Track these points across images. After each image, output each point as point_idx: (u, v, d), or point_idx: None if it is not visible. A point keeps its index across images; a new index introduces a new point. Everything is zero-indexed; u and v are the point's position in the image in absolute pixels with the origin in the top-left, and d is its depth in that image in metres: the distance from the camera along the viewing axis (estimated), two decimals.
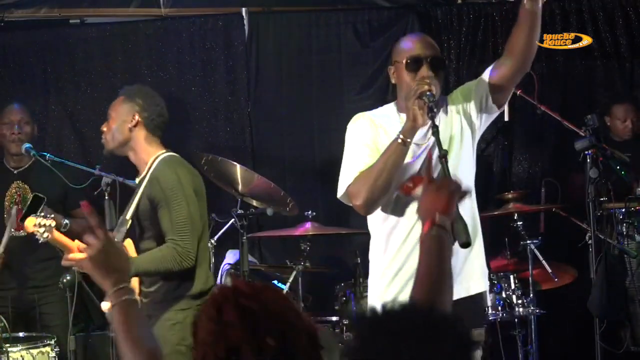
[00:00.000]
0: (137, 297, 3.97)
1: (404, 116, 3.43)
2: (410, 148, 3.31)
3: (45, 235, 3.97)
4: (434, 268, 2.15)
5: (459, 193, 2.44)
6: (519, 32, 3.24)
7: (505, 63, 3.35)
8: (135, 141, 4.08)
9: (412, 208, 3.39)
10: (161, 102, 4.18)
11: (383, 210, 3.44)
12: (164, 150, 4.09)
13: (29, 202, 4.63)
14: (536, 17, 3.18)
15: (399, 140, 3.27)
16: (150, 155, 4.07)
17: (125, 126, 4.09)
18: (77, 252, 3.83)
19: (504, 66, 3.35)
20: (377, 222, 3.48)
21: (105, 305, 3.96)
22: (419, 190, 2.51)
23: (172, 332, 3.85)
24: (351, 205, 3.44)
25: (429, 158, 2.49)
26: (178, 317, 3.88)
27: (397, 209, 3.42)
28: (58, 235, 4.01)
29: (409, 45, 3.44)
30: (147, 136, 4.09)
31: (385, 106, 3.58)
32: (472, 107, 3.45)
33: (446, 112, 3.45)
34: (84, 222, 5.25)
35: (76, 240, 3.90)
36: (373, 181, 3.31)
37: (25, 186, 5.19)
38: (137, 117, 4.08)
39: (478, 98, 3.44)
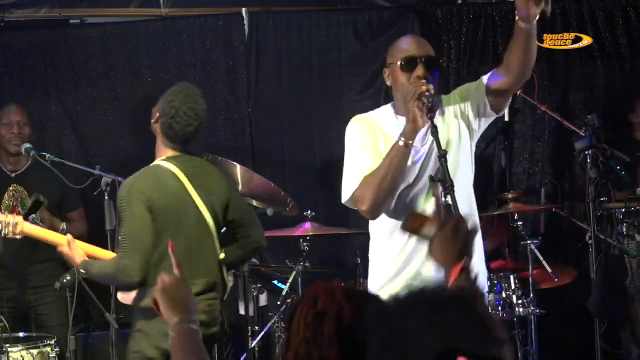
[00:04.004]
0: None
1: (401, 118, 3.43)
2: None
3: (10, 230, 4.05)
4: None
5: (474, 231, 2.41)
6: (515, 48, 3.23)
7: (503, 73, 3.33)
8: (156, 139, 4.03)
9: (414, 208, 3.39)
10: (177, 113, 3.90)
11: (384, 211, 3.43)
12: (164, 158, 3.95)
13: (30, 204, 4.63)
14: (531, 35, 3.17)
15: (401, 143, 3.27)
16: (155, 159, 4.00)
17: (152, 121, 4.01)
18: (67, 243, 3.96)
19: (503, 76, 3.34)
20: (378, 222, 3.47)
21: (120, 296, 4.03)
22: (427, 230, 2.45)
23: (132, 339, 3.88)
24: (356, 209, 3.44)
25: (436, 196, 2.47)
26: (139, 325, 3.86)
27: (399, 211, 3.41)
28: (30, 229, 4.10)
29: (403, 46, 3.43)
30: (161, 139, 3.97)
31: (382, 107, 3.58)
32: (469, 111, 3.44)
33: (443, 114, 3.44)
34: (80, 226, 5.27)
35: (68, 235, 4.00)
36: (378, 185, 3.30)
37: (22, 189, 5.19)
38: (157, 116, 3.97)
39: (475, 103, 3.43)
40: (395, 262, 3.41)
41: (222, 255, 4.02)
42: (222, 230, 4.13)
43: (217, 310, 4.00)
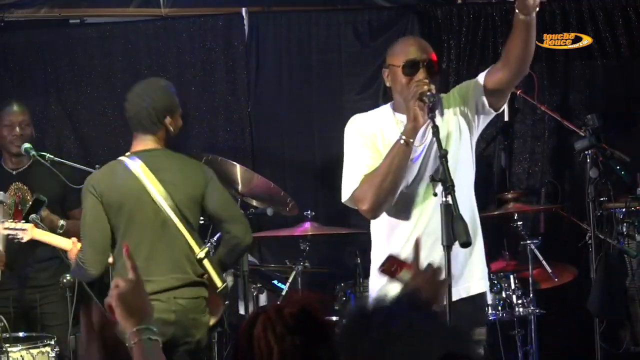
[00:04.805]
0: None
1: (399, 116, 3.43)
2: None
3: (20, 236, 4.46)
4: None
5: (446, 282, 2.46)
6: (514, 40, 3.24)
7: (502, 68, 3.34)
8: None
9: (413, 208, 3.40)
10: (128, 97, 4.01)
11: (385, 211, 3.43)
12: (130, 153, 4.00)
13: (29, 204, 4.65)
14: (530, 27, 3.17)
15: (402, 142, 3.27)
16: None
17: None
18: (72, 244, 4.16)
19: (501, 71, 3.34)
20: (379, 222, 3.48)
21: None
22: (402, 274, 2.50)
23: None
24: (357, 209, 3.44)
25: (417, 243, 2.51)
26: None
27: (399, 210, 3.41)
28: (40, 234, 4.37)
29: (405, 49, 3.42)
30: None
31: (381, 107, 3.58)
32: (468, 108, 3.45)
33: (442, 112, 3.44)
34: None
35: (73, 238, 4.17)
36: (378, 185, 3.30)
37: (24, 187, 5.18)
38: None
39: (474, 101, 3.43)
40: None
41: (201, 254, 3.97)
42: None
43: (192, 313, 3.92)
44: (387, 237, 3.44)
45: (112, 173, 3.95)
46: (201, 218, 4.22)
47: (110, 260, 3.97)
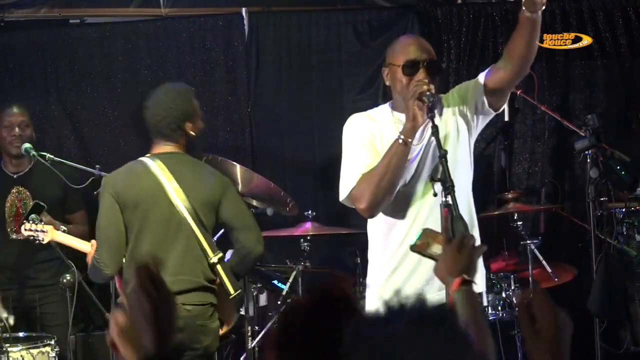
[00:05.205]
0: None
1: (397, 115, 3.43)
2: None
3: (41, 237, 4.49)
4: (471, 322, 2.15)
5: (480, 249, 2.42)
6: (518, 38, 3.24)
7: (503, 67, 3.33)
8: None
9: (410, 208, 3.40)
10: (147, 105, 4.04)
11: (382, 210, 3.43)
12: (150, 154, 4.02)
13: (29, 210, 4.66)
14: (536, 24, 3.18)
15: (400, 141, 3.27)
16: None
17: None
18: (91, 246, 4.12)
19: (502, 70, 3.34)
20: (376, 221, 3.48)
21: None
22: (434, 248, 2.50)
23: None
24: (354, 208, 3.43)
25: (444, 215, 2.52)
26: None
27: (396, 209, 3.41)
28: (59, 237, 4.42)
29: (405, 49, 3.42)
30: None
31: (380, 106, 3.58)
32: (467, 109, 3.44)
33: (441, 112, 3.44)
34: (81, 228, 5.31)
35: (93, 240, 4.09)
36: (376, 184, 3.30)
37: (26, 191, 5.19)
38: None
39: (473, 100, 3.43)
40: (392, 260, 3.41)
41: (214, 259, 3.95)
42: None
43: (200, 319, 3.89)
44: (385, 236, 3.44)
45: (130, 172, 3.96)
46: None
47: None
